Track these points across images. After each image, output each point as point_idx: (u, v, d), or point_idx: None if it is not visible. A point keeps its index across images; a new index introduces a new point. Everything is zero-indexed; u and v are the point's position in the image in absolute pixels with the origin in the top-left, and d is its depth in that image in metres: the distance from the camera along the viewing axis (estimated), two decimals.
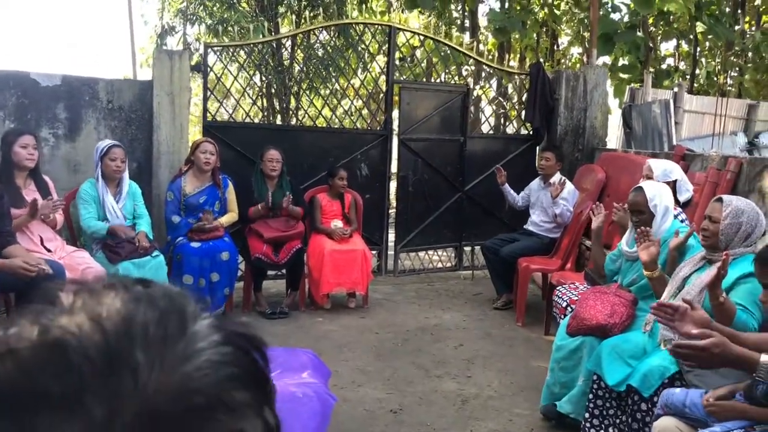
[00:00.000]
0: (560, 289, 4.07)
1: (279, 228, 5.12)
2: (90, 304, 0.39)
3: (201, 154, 4.87)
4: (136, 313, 0.39)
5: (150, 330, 0.38)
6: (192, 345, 0.39)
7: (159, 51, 5.35)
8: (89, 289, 0.41)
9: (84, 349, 0.36)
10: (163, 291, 0.42)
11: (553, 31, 13.87)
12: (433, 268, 6.69)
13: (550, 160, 5.60)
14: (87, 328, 0.37)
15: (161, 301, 0.41)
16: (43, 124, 4.99)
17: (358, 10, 12.11)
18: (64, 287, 0.42)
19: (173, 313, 0.40)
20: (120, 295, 0.40)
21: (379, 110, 6.30)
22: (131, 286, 0.42)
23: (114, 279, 0.43)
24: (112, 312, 0.39)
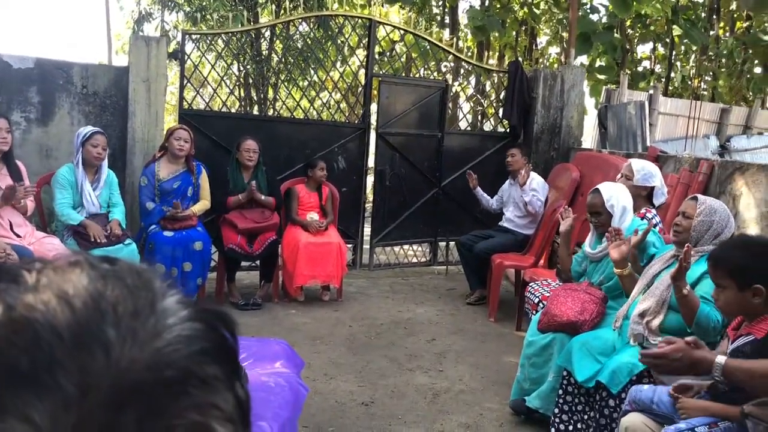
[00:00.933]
0: (533, 286, 4.11)
1: (254, 219, 5.09)
2: (56, 282, 0.38)
3: (175, 141, 4.82)
4: (105, 290, 0.38)
5: (119, 306, 0.38)
6: (162, 320, 0.38)
7: (136, 37, 5.27)
8: (54, 267, 0.40)
9: (52, 325, 0.36)
10: (130, 267, 0.41)
11: (532, 29, 13.97)
12: (408, 262, 6.71)
13: (515, 156, 5.66)
14: (54, 305, 0.36)
15: (129, 278, 0.40)
16: (15, 107, 4.90)
17: (338, 3, 12.07)
18: (28, 266, 0.42)
19: (142, 290, 0.39)
20: (86, 272, 0.40)
21: (357, 103, 6.28)
22: (97, 264, 0.41)
23: (79, 256, 0.42)
24: (80, 289, 0.38)
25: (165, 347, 0.37)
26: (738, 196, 4.31)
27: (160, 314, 0.39)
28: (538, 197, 5.41)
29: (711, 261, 2.26)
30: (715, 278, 2.23)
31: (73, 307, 0.37)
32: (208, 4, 9.20)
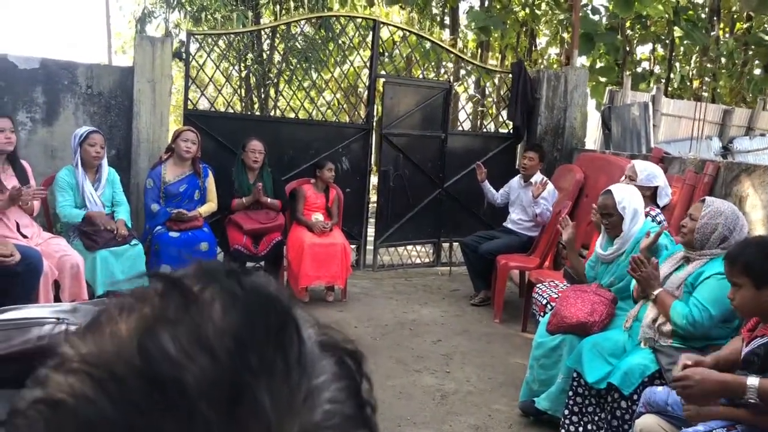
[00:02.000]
0: (540, 287, 4.11)
1: (259, 220, 5.09)
2: (193, 320, 0.35)
3: (182, 143, 4.81)
4: (248, 333, 0.35)
5: (268, 358, 0.35)
6: (314, 382, 0.36)
7: (140, 37, 5.26)
8: (183, 291, 0.37)
9: (200, 386, 0.33)
10: (263, 293, 0.38)
11: (531, 30, 13.99)
12: (412, 263, 6.71)
13: (533, 160, 5.64)
14: (196, 355, 0.34)
15: (268, 311, 0.37)
16: (20, 107, 4.89)
17: (339, 3, 12.07)
18: (151, 279, 0.39)
19: (285, 329, 0.37)
20: (221, 303, 0.36)
21: (360, 104, 6.28)
22: (229, 287, 0.38)
23: (206, 273, 0.39)
24: (220, 330, 0.35)
25: (322, 422, 0.35)
26: (744, 197, 4.32)
27: (310, 371, 0.36)
28: (548, 207, 5.39)
29: (727, 259, 2.26)
30: (730, 277, 2.23)
31: (217, 360, 0.34)
32: (209, 3, 9.21)
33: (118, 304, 0.38)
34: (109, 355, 0.34)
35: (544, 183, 5.46)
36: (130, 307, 0.37)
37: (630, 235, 3.34)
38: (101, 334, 0.37)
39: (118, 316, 0.37)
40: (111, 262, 4.26)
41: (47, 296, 3.85)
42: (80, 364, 0.35)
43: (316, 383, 0.36)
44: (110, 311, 0.38)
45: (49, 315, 1.62)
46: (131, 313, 0.37)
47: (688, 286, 2.88)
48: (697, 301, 2.73)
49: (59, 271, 3.95)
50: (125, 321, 0.36)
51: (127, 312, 0.37)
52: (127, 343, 0.35)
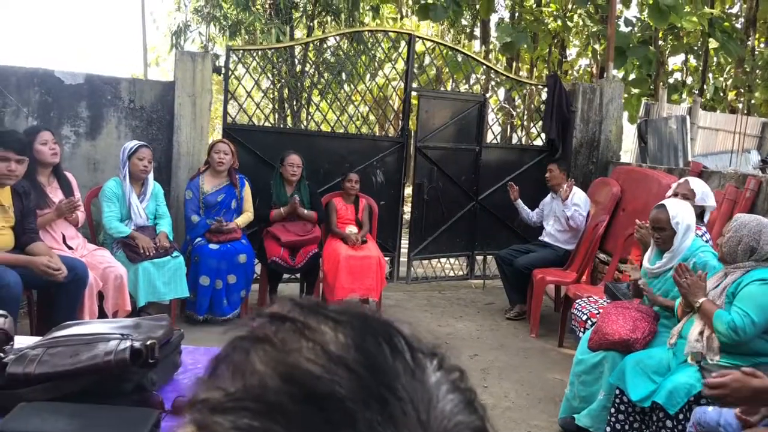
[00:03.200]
0: (579, 303, 4.08)
1: (296, 232, 5.13)
2: (312, 340, 0.39)
3: (215, 154, 4.90)
4: (363, 342, 0.39)
5: (389, 360, 0.39)
6: (432, 378, 0.40)
7: (181, 53, 5.36)
8: (291, 321, 0.41)
9: (350, 392, 0.37)
10: (355, 310, 0.43)
11: (561, 41, 13.93)
12: (445, 276, 6.70)
13: (553, 172, 5.65)
14: (335, 369, 0.37)
15: (367, 321, 0.41)
16: (65, 122, 5.01)
17: (370, 17, 12.16)
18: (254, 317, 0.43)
19: (392, 335, 0.41)
20: (323, 324, 0.41)
21: (395, 117, 6.32)
22: (319, 309, 0.43)
23: (295, 302, 0.43)
24: (341, 345, 0.39)
25: (455, 421, 0.38)
26: None
27: (427, 372, 0.40)
28: (580, 212, 5.38)
29: None
30: None
31: (354, 370, 0.38)
32: (245, 18, 9.34)
33: (236, 347, 0.42)
34: (257, 389, 0.38)
35: (570, 185, 5.46)
36: (249, 346, 0.41)
37: (680, 251, 3.31)
38: (239, 374, 0.40)
39: (244, 356, 0.41)
40: (153, 274, 4.34)
41: (92, 307, 3.93)
42: (234, 402, 0.38)
43: (435, 381, 0.40)
44: (232, 354, 0.41)
45: (114, 331, 1.66)
46: (254, 350, 0.40)
47: (729, 296, 2.88)
48: (738, 308, 2.76)
49: (103, 282, 4.03)
50: (254, 358, 0.40)
51: (250, 351, 0.41)
52: (267, 375, 0.38)
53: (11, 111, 4.88)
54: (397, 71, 6.47)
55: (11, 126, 4.77)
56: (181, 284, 4.49)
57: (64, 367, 1.51)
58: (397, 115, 6.44)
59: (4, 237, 3.66)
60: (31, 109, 4.91)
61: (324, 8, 9.92)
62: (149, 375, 1.61)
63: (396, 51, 6.38)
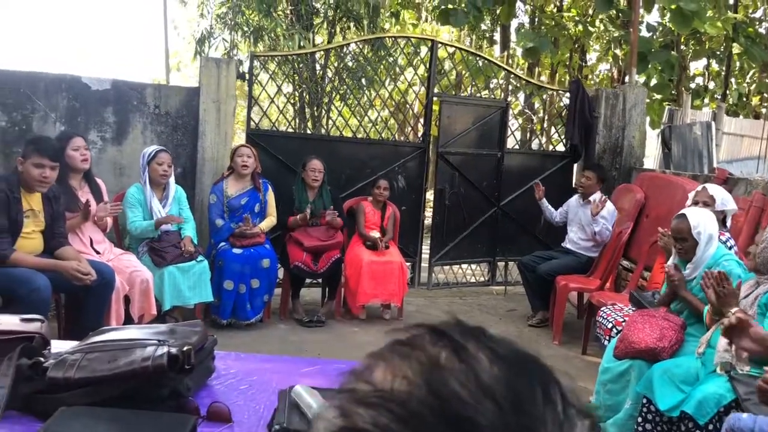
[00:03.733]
0: (604, 310, 4.06)
1: (319, 237, 5.16)
2: (467, 365, 0.40)
3: (238, 158, 4.95)
4: (517, 381, 0.40)
5: (539, 407, 0.39)
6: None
7: (206, 59, 5.41)
8: (451, 341, 0.42)
9: (489, 424, 0.37)
10: (518, 348, 0.43)
11: (582, 46, 13.86)
12: (466, 282, 6.69)
13: (590, 179, 5.59)
14: (482, 399, 0.38)
15: (529, 363, 0.42)
16: (92, 127, 5.08)
17: (390, 23, 12.19)
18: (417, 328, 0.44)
19: (550, 383, 0.41)
20: (482, 351, 0.42)
21: (417, 123, 6.33)
22: (480, 336, 0.43)
23: (457, 323, 0.45)
24: (494, 377, 0.40)
25: None
26: None
27: (574, 429, 0.40)
28: (607, 226, 5.32)
29: None
30: None
31: (500, 405, 0.38)
32: (268, 24, 9.40)
33: (394, 350, 0.44)
34: (404, 395, 0.39)
35: (603, 201, 5.39)
36: (407, 353, 0.43)
37: (703, 260, 3.28)
38: (390, 375, 0.42)
39: (400, 360, 0.43)
40: (178, 278, 4.38)
41: (118, 311, 3.98)
42: (379, 400, 0.40)
43: None
44: (388, 355, 0.43)
45: (150, 337, 1.68)
46: (410, 358, 0.42)
47: (761, 306, 2.84)
48: None
49: (130, 286, 4.08)
50: (408, 365, 0.42)
51: (406, 357, 0.42)
52: (417, 385, 0.39)
53: (39, 116, 4.95)
54: (418, 76, 6.48)
55: (39, 131, 4.85)
56: (205, 288, 4.53)
57: (102, 372, 1.53)
58: (417, 121, 6.42)
59: (34, 241, 3.72)
60: (59, 115, 4.99)
61: (345, 14, 9.97)
62: (185, 381, 1.62)
63: (416, 56, 6.36)
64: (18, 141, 4.83)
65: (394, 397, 0.39)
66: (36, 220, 3.71)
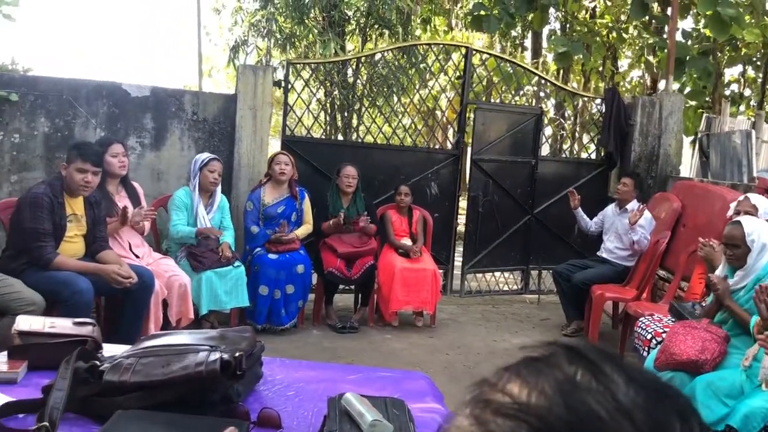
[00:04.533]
0: (643, 321, 4.00)
1: (353, 243, 5.17)
2: (603, 386, 0.41)
3: (276, 166, 4.99)
4: (656, 408, 0.40)
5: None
6: None
7: (243, 66, 5.47)
8: (588, 361, 0.43)
9: None
10: (655, 376, 0.43)
11: (614, 53, 13.72)
12: (499, 290, 6.65)
13: (627, 186, 5.53)
14: (619, 420, 0.38)
15: (667, 392, 0.42)
16: (131, 133, 5.16)
17: (421, 29, 12.20)
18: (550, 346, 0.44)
19: (689, 414, 0.41)
20: (617, 374, 0.42)
21: (449, 130, 6.32)
22: (616, 358, 0.44)
23: (590, 345, 0.45)
24: (630, 400, 0.40)
25: None
26: None
27: None
28: (645, 235, 5.24)
29: None
30: None
31: (638, 429, 0.38)
32: (299, 31, 9.48)
33: (529, 365, 0.45)
34: (541, 409, 0.40)
35: (641, 209, 5.31)
36: (542, 369, 0.44)
37: (754, 270, 3.21)
38: (527, 389, 0.43)
39: (535, 376, 0.43)
40: (215, 283, 4.43)
41: (157, 315, 4.03)
42: (518, 412, 0.40)
43: None
44: (524, 370, 0.44)
45: (202, 342, 1.70)
46: (546, 375, 0.43)
47: None
48: None
49: (168, 290, 4.13)
50: (545, 380, 0.42)
51: (542, 373, 0.43)
52: (555, 401, 0.40)
53: (81, 122, 5.05)
54: (454, 84, 6.47)
55: (80, 137, 4.95)
56: (242, 293, 4.57)
57: (156, 377, 1.56)
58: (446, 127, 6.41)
59: (76, 245, 3.79)
60: (99, 121, 5.08)
61: (377, 21, 10.01)
62: (235, 386, 1.64)
63: (448, 62, 6.35)
64: (60, 146, 4.94)
65: (532, 411, 0.40)
66: (78, 224, 3.78)
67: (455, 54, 6.99)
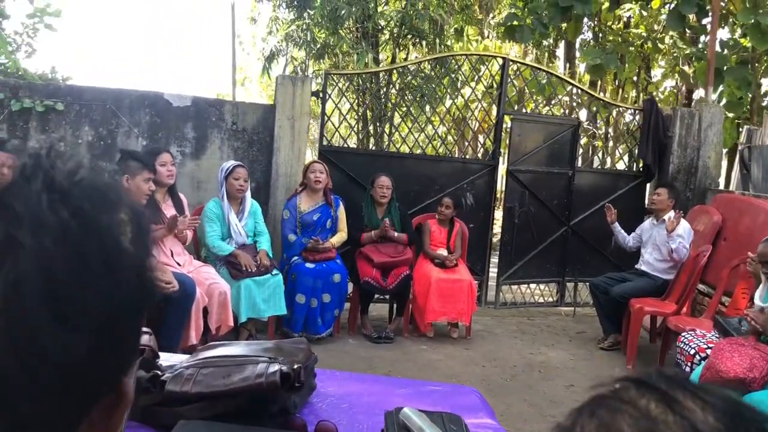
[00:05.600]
0: (686, 336, 3.93)
1: (388, 253, 5.18)
2: (681, 416, 0.40)
3: (311, 174, 5.03)
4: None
5: None
6: None
7: (282, 77, 5.53)
8: (660, 393, 0.43)
9: None
10: (731, 398, 0.43)
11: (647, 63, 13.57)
12: (534, 302, 6.59)
13: (661, 195, 5.45)
14: None
15: (745, 416, 0.41)
16: (172, 142, 5.25)
17: (453, 39, 12.21)
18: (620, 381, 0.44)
19: None
20: (691, 401, 0.42)
21: (477, 139, 6.31)
22: (687, 384, 0.43)
23: (658, 373, 0.44)
24: (710, 428, 0.40)
25: None
26: None
27: None
28: (684, 244, 5.15)
29: None
30: None
31: None
32: (334, 41, 9.56)
33: (601, 404, 0.45)
34: None
35: (678, 217, 5.22)
36: (616, 407, 0.44)
37: None
38: (604, 431, 0.42)
39: (610, 415, 0.43)
40: (254, 291, 4.47)
41: (198, 322, 4.08)
42: None
43: None
44: (597, 411, 0.44)
45: (260, 354, 1.71)
46: (621, 412, 0.43)
47: None
48: None
49: (208, 297, 4.18)
50: (621, 419, 0.42)
51: (616, 411, 0.43)
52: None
53: (123, 131, 5.15)
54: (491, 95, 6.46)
55: (123, 145, 5.04)
56: (279, 302, 4.60)
57: (217, 388, 1.57)
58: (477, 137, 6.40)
59: None
60: (141, 130, 5.17)
61: (410, 31, 10.05)
62: (292, 398, 1.65)
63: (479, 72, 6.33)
64: (103, 155, 5.04)
65: None
66: None
67: (488, 64, 6.98)
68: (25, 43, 9.51)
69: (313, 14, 9.77)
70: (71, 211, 0.48)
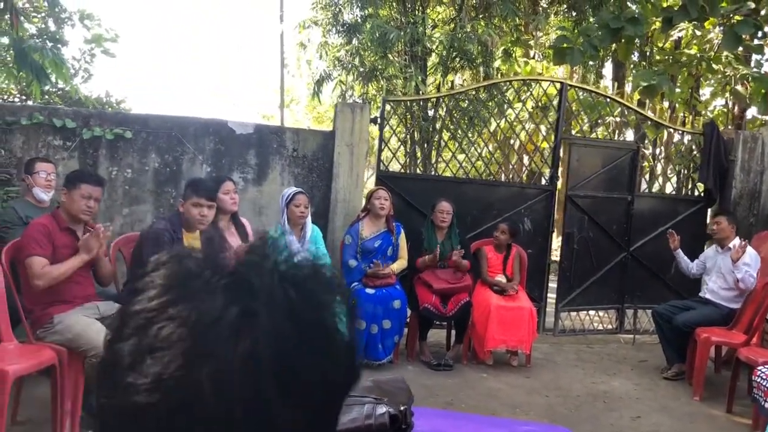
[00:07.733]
0: (763, 370, 3.82)
1: (447, 279, 5.17)
2: None
3: (376, 201, 5.07)
4: None
5: None
6: None
7: (342, 104, 5.62)
8: None
9: None
10: None
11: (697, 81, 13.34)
12: (593, 329, 6.48)
13: (721, 224, 5.33)
14: None
15: None
16: (235, 168, 5.35)
17: (501, 61, 12.20)
18: None
19: None
20: None
21: (544, 165, 6.28)
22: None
23: None
24: None
25: None
26: None
27: None
28: (751, 273, 5.02)
29: None
30: None
31: None
32: (382, 65, 9.64)
33: None
34: None
35: (743, 246, 5.09)
36: None
37: None
38: None
39: None
40: None
41: None
42: None
43: None
44: None
45: (363, 394, 1.72)
46: None
47: None
48: None
49: None
50: None
51: None
52: None
53: (188, 158, 5.27)
54: (548, 120, 6.43)
55: (188, 173, 5.16)
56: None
57: None
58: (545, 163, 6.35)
59: None
60: (206, 157, 5.29)
61: (459, 54, 10.08)
62: None
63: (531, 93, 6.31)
64: (168, 181, 5.16)
65: None
66: None
67: (541, 86, 6.95)
68: (83, 69, 9.85)
69: (363, 39, 9.88)
70: (297, 290, 0.51)
